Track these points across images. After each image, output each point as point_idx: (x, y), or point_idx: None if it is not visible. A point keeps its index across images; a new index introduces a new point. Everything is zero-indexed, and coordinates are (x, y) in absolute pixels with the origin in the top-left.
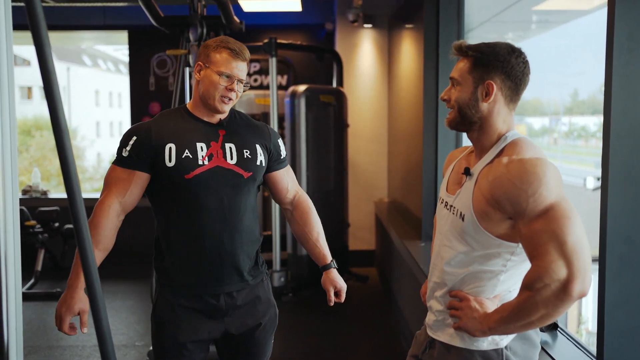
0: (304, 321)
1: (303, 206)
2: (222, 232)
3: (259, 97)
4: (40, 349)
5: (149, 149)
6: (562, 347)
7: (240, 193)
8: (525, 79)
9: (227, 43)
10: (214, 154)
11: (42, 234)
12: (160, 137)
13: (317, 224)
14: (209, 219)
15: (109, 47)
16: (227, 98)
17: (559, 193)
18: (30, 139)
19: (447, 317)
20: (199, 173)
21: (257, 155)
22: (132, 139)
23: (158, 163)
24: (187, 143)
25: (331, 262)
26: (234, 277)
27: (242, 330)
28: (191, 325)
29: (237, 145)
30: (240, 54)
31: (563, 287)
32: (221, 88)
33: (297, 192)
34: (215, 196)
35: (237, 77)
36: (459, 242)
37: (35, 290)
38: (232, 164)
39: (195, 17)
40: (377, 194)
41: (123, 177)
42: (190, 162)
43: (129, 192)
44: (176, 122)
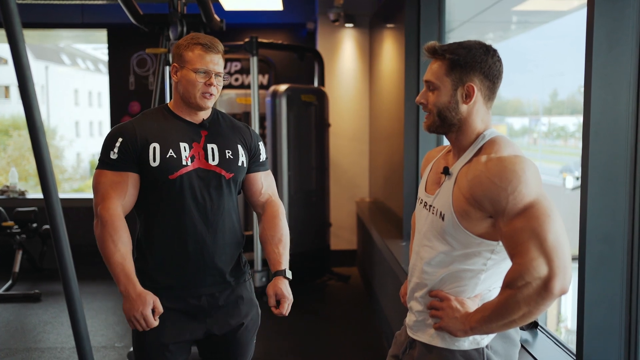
0: (285, 321)
1: (272, 210)
2: (204, 233)
3: (240, 96)
4: (18, 351)
5: (135, 149)
6: (542, 345)
7: (222, 194)
8: (500, 77)
9: (197, 39)
10: (196, 155)
11: (20, 235)
12: (145, 137)
13: (281, 230)
14: (192, 220)
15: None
16: (208, 94)
17: (538, 191)
18: (7, 138)
19: (427, 317)
20: (182, 173)
21: (239, 155)
22: (118, 140)
23: (142, 163)
24: (171, 143)
25: (284, 270)
26: (216, 278)
27: (224, 330)
28: (174, 326)
29: (219, 145)
30: (212, 47)
31: (544, 284)
32: (200, 85)
33: (270, 196)
34: (198, 197)
35: (213, 72)
36: (439, 241)
37: (13, 291)
38: (214, 165)
39: (175, 15)
40: (358, 193)
41: (117, 180)
42: (175, 162)
43: (128, 194)
44: (159, 121)
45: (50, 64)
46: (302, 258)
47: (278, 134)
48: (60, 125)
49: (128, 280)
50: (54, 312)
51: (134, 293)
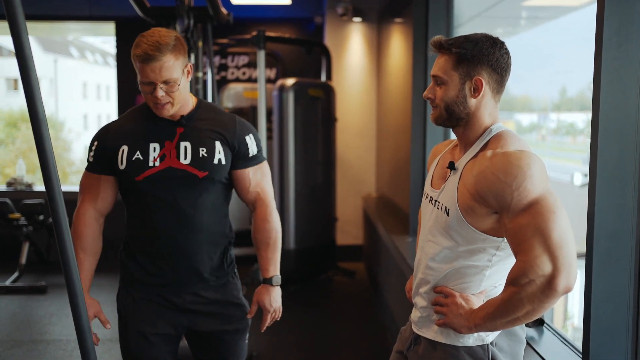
0: (291, 316)
1: (260, 212)
2: (177, 233)
3: (247, 90)
4: (24, 342)
5: (107, 153)
6: (548, 343)
7: (196, 193)
8: (509, 69)
9: (136, 49)
10: (167, 154)
11: (27, 227)
12: (116, 140)
13: (269, 233)
14: (162, 220)
15: (97, 38)
16: (159, 104)
17: (544, 187)
18: (16, 131)
19: (432, 313)
20: (148, 175)
21: (215, 153)
22: (94, 144)
23: (114, 166)
24: (140, 144)
25: (271, 278)
26: (193, 278)
27: (209, 328)
28: (152, 317)
29: (193, 143)
30: (150, 58)
31: (548, 282)
32: (149, 96)
33: (258, 193)
34: (168, 197)
35: (157, 81)
36: (444, 237)
37: (20, 283)
38: (186, 164)
39: (182, 8)
40: (365, 188)
41: (93, 182)
42: (141, 164)
43: (101, 197)
44: (136, 121)
45: (59, 57)
46: (308, 253)
47: (285, 128)
48: (69, 118)
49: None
50: (59, 304)
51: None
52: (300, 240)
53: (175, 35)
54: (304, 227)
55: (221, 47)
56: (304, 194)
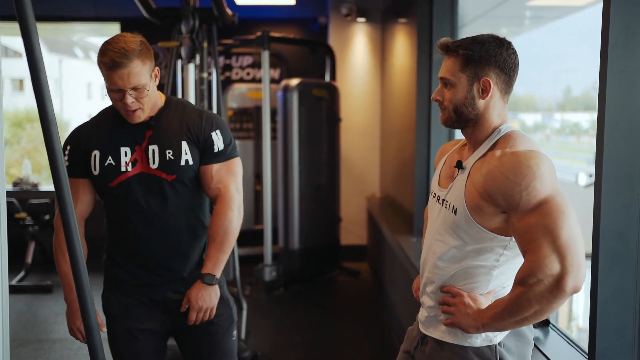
0: (295, 315)
1: (217, 207)
2: (152, 236)
3: (252, 90)
4: (30, 342)
5: (81, 157)
6: (554, 344)
7: (167, 196)
8: (516, 69)
9: (102, 56)
10: (138, 159)
11: (33, 227)
12: (88, 144)
13: (218, 229)
14: (137, 224)
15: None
16: (129, 111)
17: (553, 186)
18: (21, 131)
19: (439, 313)
20: (122, 180)
21: (182, 154)
22: (67, 148)
23: (88, 170)
24: (111, 149)
25: (204, 275)
26: (173, 278)
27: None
28: (137, 313)
29: (160, 146)
30: (116, 65)
31: (556, 282)
32: (119, 104)
33: (220, 190)
34: (141, 202)
35: (126, 88)
36: (451, 236)
37: (26, 283)
38: (155, 169)
39: (187, 8)
40: (369, 188)
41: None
42: (113, 169)
43: (80, 200)
44: (107, 124)
45: (64, 58)
46: (312, 253)
47: (289, 128)
48: (73, 118)
49: (71, 293)
50: (65, 303)
51: (75, 306)
52: (304, 240)
53: (140, 40)
54: (308, 227)
55: (225, 48)
56: (308, 193)
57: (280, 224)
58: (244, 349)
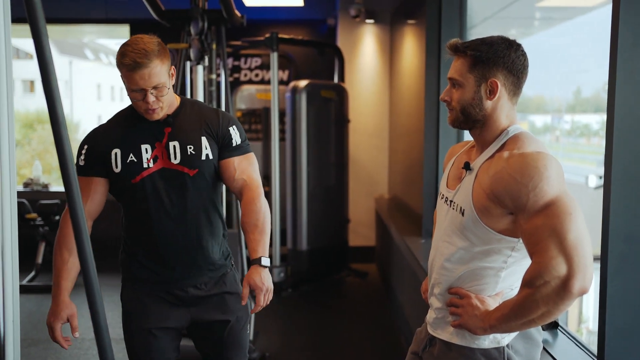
0: (304, 316)
1: (247, 196)
2: (174, 231)
3: (260, 92)
4: (40, 341)
5: (99, 156)
6: (562, 346)
7: (189, 191)
8: (525, 71)
9: (122, 58)
10: (159, 155)
11: (43, 227)
12: (108, 143)
13: (256, 215)
14: (160, 219)
15: (111, 40)
16: (150, 109)
17: (560, 188)
18: (32, 132)
19: (447, 314)
20: (145, 176)
21: (202, 149)
22: (84, 148)
23: (108, 169)
24: (132, 146)
25: (259, 259)
26: (194, 273)
27: (210, 319)
28: (157, 312)
29: (181, 142)
30: (137, 65)
31: (563, 284)
32: (140, 103)
33: (245, 180)
34: (163, 197)
35: (148, 88)
36: (459, 237)
37: (36, 282)
38: (176, 164)
39: (197, 10)
40: (377, 190)
41: (83, 185)
42: (135, 166)
43: (90, 199)
44: (124, 124)
45: (74, 59)
46: (321, 254)
47: (297, 129)
48: (83, 119)
49: (57, 288)
50: (75, 303)
51: (55, 302)
52: (312, 241)
53: (157, 41)
54: (317, 228)
55: (234, 49)
56: (317, 195)
57: (288, 225)
58: (252, 349)
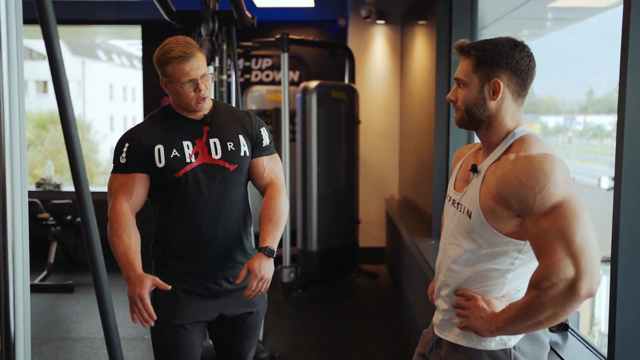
0: (313, 317)
1: (270, 191)
2: (214, 224)
3: (271, 92)
4: (52, 340)
5: (141, 152)
6: (572, 348)
7: (228, 186)
8: (531, 72)
9: (170, 52)
10: (200, 151)
11: (55, 227)
12: (149, 140)
13: (272, 210)
14: (201, 213)
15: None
16: (201, 99)
17: (567, 190)
18: (45, 132)
19: (454, 316)
20: (187, 171)
21: (241, 146)
22: (125, 145)
23: (150, 164)
24: (174, 142)
25: (265, 247)
26: (228, 264)
27: (234, 313)
28: (190, 306)
29: (221, 139)
30: (187, 56)
31: (570, 286)
32: (191, 94)
33: (272, 179)
34: (205, 191)
35: (198, 77)
36: (466, 239)
37: (48, 282)
38: (217, 159)
39: (207, 11)
40: (387, 190)
41: (126, 181)
42: (179, 161)
43: (135, 193)
44: (163, 123)
45: (87, 60)
46: (331, 254)
47: (308, 130)
48: (96, 120)
49: (129, 266)
50: (86, 303)
51: (134, 276)
52: (322, 242)
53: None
54: (327, 229)
55: (245, 50)
56: (327, 195)
57: (298, 225)
58: (262, 349)
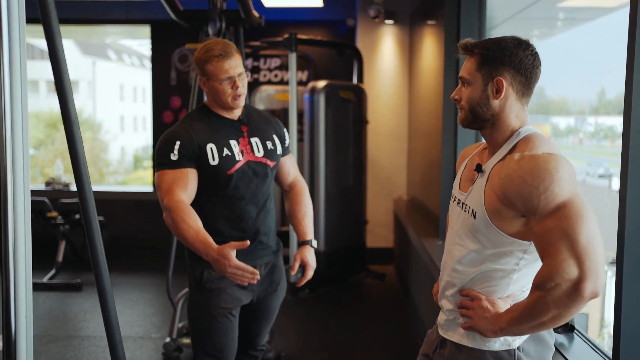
0: (320, 317)
1: (298, 188)
2: (257, 215)
3: (279, 92)
4: (60, 338)
5: (194, 150)
6: (578, 350)
7: (266, 180)
8: (535, 71)
9: (210, 52)
10: (244, 149)
11: (64, 226)
12: (201, 139)
13: (305, 206)
14: (247, 205)
15: (134, 41)
16: (237, 95)
17: (572, 190)
18: (55, 131)
19: (458, 316)
20: (238, 168)
21: (277, 145)
22: (177, 143)
23: (202, 162)
24: (224, 142)
25: (310, 240)
26: (265, 251)
27: (264, 297)
28: (234, 293)
29: (260, 138)
30: (226, 55)
31: (574, 287)
32: (229, 91)
33: (297, 176)
34: (251, 186)
35: (235, 75)
36: (471, 240)
37: (56, 280)
38: (261, 157)
39: (215, 11)
40: (396, 191)
41: (179, 175)
42: (230, 159)
43: (190, 185)
44: (206, 122)
45: (97, 60)
46: (338, 255)
47: (316, 130)
48: (106, 119)
49: (206, 246)
50: (94, 301)
51: (214, 253)
52: (330, 242)
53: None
54: (334, 229)
55: (253, 50)
56: (335, 195)
57: None
58: (268, 349)
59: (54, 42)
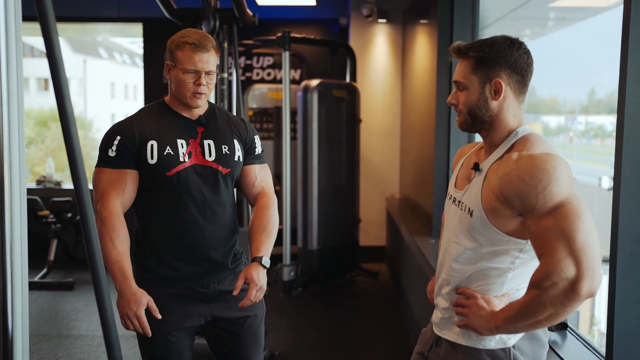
0: (314, 315)
1: (262, 201)
2: (203, 227)
3: (272, 91)
4: (52, 337)
5: (133, 147)
6: (571, 347)
7: (219, 189)
8: (529, 69)
9: (186, 37)
10: (193, 151)
11: (55, 224)
12: (143, 134)
13: (266, 220)
14: (190, 215)
15: (125, 39)
16: (198, 93)
17: (569, 190)
18: (46, 129)
19: (453, 315)
20: (180, 170)
21: (235, 151)
22: (117, 138)
23: (141, 160)
24: (168, 140)
25: (261, 257)
26: (217, 268)
27: (230, 315)
28: (177, 312)
29: (215, 141)
30: (201, 46)
31: (571, 286)
32: (190, 85)
33: (263, 188)
34: (195, 193)
35: (203, 71)
36: (467, 238)
37: (48, 279)
38: (211, 161)
39: (208, 9)
40: (388, 189)
41: (116, 177)
42: (172, 158)
43: (126, 191)
44: (157, 118)
45: (88, 58)
46: (331, 253)
47: (309, 128)
48: (97, 117)
49: (124, 278)
50: (86, 300)
51: (129, 292)
52: (323, 241)
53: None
54: (327, 228)
55: (246, 48)
56: (328, 194)
57: (299, 224)
58: None
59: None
